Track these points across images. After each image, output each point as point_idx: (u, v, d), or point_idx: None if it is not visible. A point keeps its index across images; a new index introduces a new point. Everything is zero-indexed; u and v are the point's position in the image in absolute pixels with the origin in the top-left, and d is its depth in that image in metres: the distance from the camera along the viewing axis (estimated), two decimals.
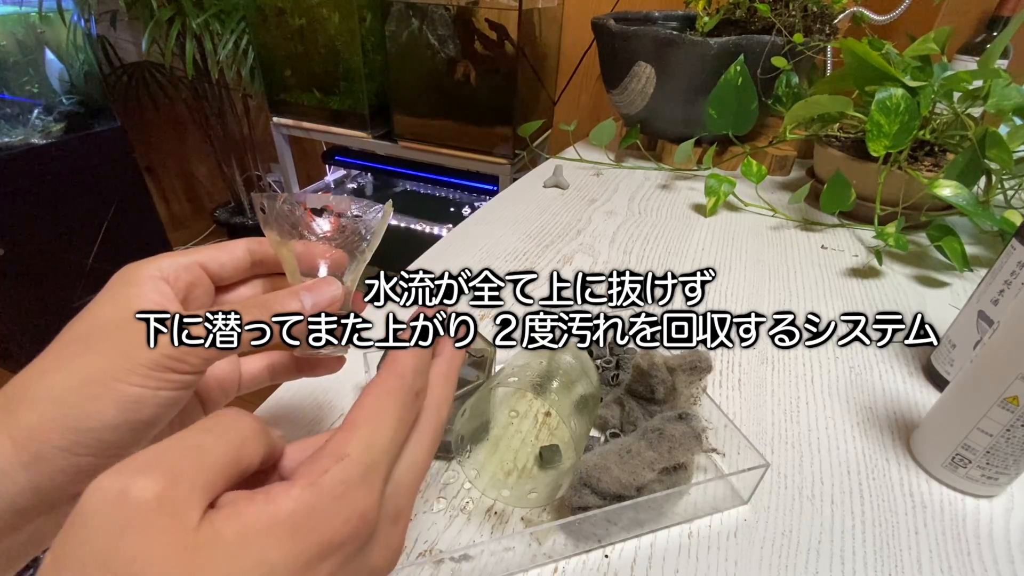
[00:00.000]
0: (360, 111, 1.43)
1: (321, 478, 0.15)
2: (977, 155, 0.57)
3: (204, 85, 1.77)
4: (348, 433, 0.17)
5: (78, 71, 1.57)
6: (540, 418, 0.38)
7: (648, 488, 0.29)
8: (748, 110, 0.76)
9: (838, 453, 0.37)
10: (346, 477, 0.15)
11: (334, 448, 0.16)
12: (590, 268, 0.59)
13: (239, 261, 0.26)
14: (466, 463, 0.34)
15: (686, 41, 0.75)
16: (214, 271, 0.25)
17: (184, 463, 0.14)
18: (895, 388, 0.43)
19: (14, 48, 1.45)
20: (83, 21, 1.55)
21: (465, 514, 0.32)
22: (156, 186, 2.20)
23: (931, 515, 0.33)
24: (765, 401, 0.41)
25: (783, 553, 0.30)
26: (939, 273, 0.59)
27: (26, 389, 0.19)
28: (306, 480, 0.15)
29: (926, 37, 0.66)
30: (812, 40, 0.76)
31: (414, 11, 1.22)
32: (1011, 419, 0.30)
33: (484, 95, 1.29)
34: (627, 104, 0.87)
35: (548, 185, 0.80)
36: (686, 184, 0.83)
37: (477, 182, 1.48)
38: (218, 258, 0.25)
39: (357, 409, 0.17)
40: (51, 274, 1.53)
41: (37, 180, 1.44)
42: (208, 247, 0.25)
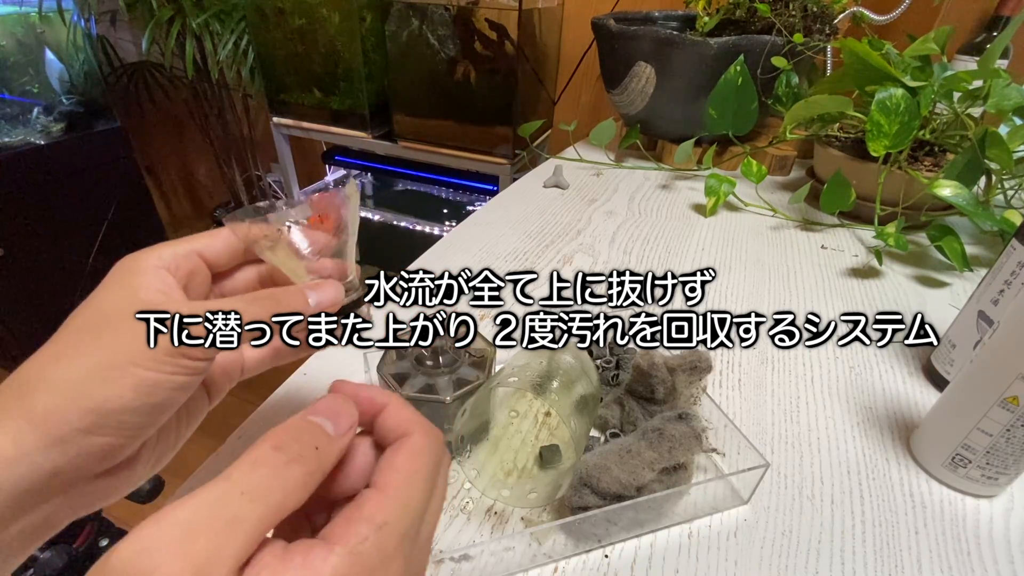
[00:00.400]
0: (360, 111, 1.43)
1: (360, 546, 0.15)
2: (977, 155, 0.57)
3: (204, 85, 1.77)
4: (386, 498, 0.16)
5: (78, 71, 1.57)
6: (540, 418, 0.38)
7: (648, 488, 0.29)
8: (748, 110, 0.76)
9: (838, 453, 0.37)
10: (383, 547, 0.16)
11: (372, 513, 0.16)
12: (590, 268, 0.59)
13: (233, 248, 0.26)
14: (466, 463, 0.34)
15: (686, 41, 0.75)
16: (210, 259, 0.25)
17: (219, 541, 0.13)
18: (895, 388, 0.43)
19: (14, 48, 1.45)
20: (83, 21, 1.55)
21: (465, 514, 0.32)
22: (156, 186, 2.20)
23: (931, 515, 0.33)
24: (765, 401, 0.41)
25: (783, 553, 0.30)
26: (939, 273, 0.59)
27: (40, 374, 0.19)
28: (344, 547, 0.15)
29: (926, 37, 0.66)
30: (812, 40, 0.76)
31: (414, 11, 1.22)
32: (1011, 419, 0.30)
33: (484, 95, 1.29)
34: (627, 104, 0.87)
35: (548, 185, 0.80)
36: (686, 184, 0.83)
37: (477, 182, 1.48)
38: (213, 245, 0.25)
39: (390, 472, 0.17)
40: (51, 274, 1.53)
41: (37, 180, 1.44)
42: (202, 235, 0.26)
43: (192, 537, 0.13)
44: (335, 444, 0.17)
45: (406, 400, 0.19)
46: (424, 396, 0.32)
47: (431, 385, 0.33)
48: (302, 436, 0.16)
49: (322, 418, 0.17)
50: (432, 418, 0.33)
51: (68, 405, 0.18)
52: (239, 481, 0.14)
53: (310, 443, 0.16)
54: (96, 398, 0.19)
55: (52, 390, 0.19)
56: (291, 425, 0.16)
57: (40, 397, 0.18)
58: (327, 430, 0.17)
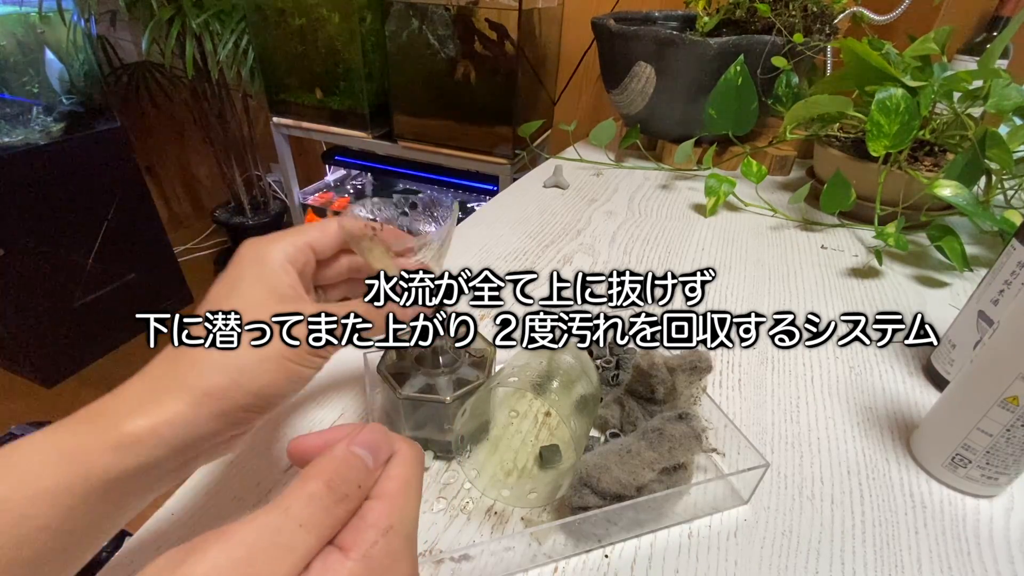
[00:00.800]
0: (360, 111, 1.43)
1: (371, 550, 0.17)
2: (977, 155, 0.57)
3: (204, 85, 1.77)
4: (388, 504, 0.18)
5: (78, 71, 1.57)
6: (540, 418, 0.38)
7: (648, 488, 0.29)
8: (748, 110, 0.76)
9: (838, 453, 0.37)
10: (392, 549, 0.17)
11: (378, 519, 0.18)
12: (590, 268, 0.59)
13: (334, 239, 0.29)
14: (466, 463, 0.34)
15: (686, 41, 0.75)
16: (318, 251, 0.29)
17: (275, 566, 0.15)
18: (895, 388, 0.43)
19: (14, 48, 1.45)
20: (83, 21, 1.55)
21: (465, 514, 0.32)
22: (156, 186, 2.20)
23: (931, 515, 0.33)
24: (765, 401, 0.41)
25: (783, 553, 0.30)
26: (939, 273, 0.59)
27: (210, 356, 0.23)
28: (357, 552, 0.16)
29: (926, 37, 0.66)
30: (812, 40, 0.76)
31: (414, 11, 1.22)
32: (1011, 419, 0.30)
33: (484, 95, 1.29)
34: (627, 104, 0.87)
35: (548, 185, 0.80)
36: (686, 184, 0.83)
37: (477, 182, 1.48)
38: (321, 240, 0.29)
39: (387, 481, 0.19)
40: (51, 274, 1.53)
41: (37, 180, 1.44)
42: (311, 227, 0.29)
43: (254, 560, 0.15)
44: (372, 478, 0.19)
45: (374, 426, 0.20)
46: (424, 396, 0.32)
47: (431, 385, 0.33)
48: (350, 475, 0.18)
49: (365, 451, 0.19)
50: (432, 418, 0.33)
51: (235, 387, 0.23)
52: (297, 514, 0.16)
53: (355, 481, 0.18)
54: (258, 384, 0.23)
55: (222, 372, 0.23)
56: (340, 459, 0.18)
57: (213, 376, 0.23)
58: (368, 464, 0.19)
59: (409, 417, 0.34)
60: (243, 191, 2.04)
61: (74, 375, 1.66)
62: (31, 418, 1.20)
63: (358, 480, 0.18)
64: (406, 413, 0.33)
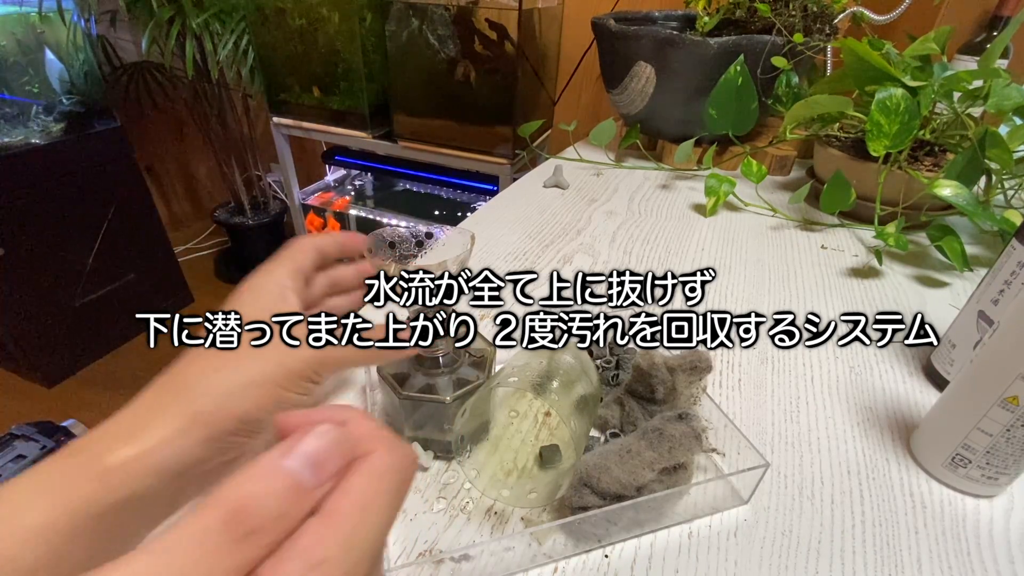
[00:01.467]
0: (360, 111, 1.43)
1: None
2: (977, 155, 0.57)
3: (204, 85, 1.77)
4: (330, 528, 0.13)
5: (78, 71, 1.57)
6: (540, 418, 0.38)
7: (648, 488, 0.29)
8: (748, 110, 0.76)
9: (838, 453, 0.37)
10: None
11: (309, 547, 0.12)
12: (590, 268, 0.59)
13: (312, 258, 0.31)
14: (466, 463, 0.34)
15: (686, 41, 0.75)
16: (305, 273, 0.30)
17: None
18: (895, 388, 0.43)
19: (14, 48, 1.45)
20: (83, 21, 1.55)
21: (465, 514, 0.32)
22: (156, 186, 2.20)
23: (931, 515, 0.33)
24: (765, 401, 0.41)
25: (783, 553, 0.30)
26: (939, 273, 0.59)
27: (201, 380, 0.24)
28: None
29: (926, 37, 0.66)
30: (812, 40, 0.76)
31: (414, 11, 1.22)
32: (1011, 419, 0.30)
33: (484, 95, 1.29)
34: (627, 104, 0.87)
35: (548, 185, 0.80)
36: (686, 184, 0.83)
37: (477, 182, 1.48)
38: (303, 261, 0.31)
39: (340, 496, 0.13)
40: (51, 274, 1.53)
41: (37, 180, 1.44)
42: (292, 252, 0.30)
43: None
44: (308, 500, 0.13)
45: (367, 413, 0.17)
46: (424, 396, 0.32)
47: (431, 385, 0.33)
48: (267, 502, 0.12)
49: (303, 463, 0.13)
50: (432, 418, 0.33)
51: (223, 413, 0.23)
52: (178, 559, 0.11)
53: (273, 510, 0.12)
54: (245, 409, 0.24)
55: (210, 397, 0.23)
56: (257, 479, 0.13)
57: (201, 401, 0.23)
58: (303, 483, 0.13)
59: (409, 417, 0.34)
60: (243, 191, 2.04)
61: (74, 375, 1.66)
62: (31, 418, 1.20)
63: (280, 508, 0.12)
64: (406, 413, 0.33)
